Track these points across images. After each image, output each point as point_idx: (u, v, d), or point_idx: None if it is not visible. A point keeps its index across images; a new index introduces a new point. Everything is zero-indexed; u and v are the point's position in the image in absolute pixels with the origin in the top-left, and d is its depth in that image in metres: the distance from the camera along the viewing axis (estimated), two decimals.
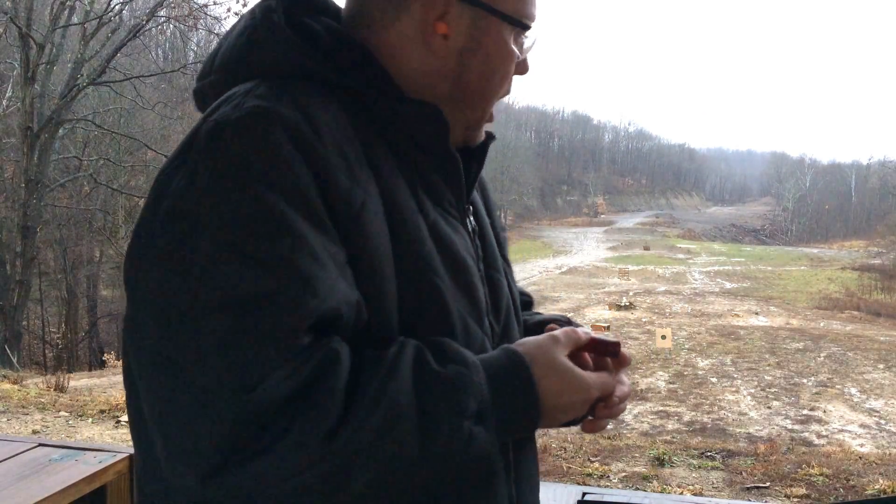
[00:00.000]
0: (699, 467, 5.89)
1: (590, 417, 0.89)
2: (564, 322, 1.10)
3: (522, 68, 0.96)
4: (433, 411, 0.73)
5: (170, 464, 0.70)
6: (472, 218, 0.96)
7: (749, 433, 12.24)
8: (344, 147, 0.79)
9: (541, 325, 1.05)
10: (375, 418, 0.69)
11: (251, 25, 0.86)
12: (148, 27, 18.97)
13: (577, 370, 0.83)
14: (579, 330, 0.88)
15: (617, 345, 0.90)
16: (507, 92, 0.96)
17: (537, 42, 0.97)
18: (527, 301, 1.18)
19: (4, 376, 9.76)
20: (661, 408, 14.18)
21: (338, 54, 0.86)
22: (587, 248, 63.64)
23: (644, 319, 26.46)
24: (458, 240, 0.90)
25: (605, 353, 0.90)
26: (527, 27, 0.93)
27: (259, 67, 0.84)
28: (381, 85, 0.87)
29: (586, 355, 0.89)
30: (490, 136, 1.01)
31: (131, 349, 0.74)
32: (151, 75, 19.31)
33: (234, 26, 0.90)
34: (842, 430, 12.92)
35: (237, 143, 0.74)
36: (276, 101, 0.77)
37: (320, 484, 0.68)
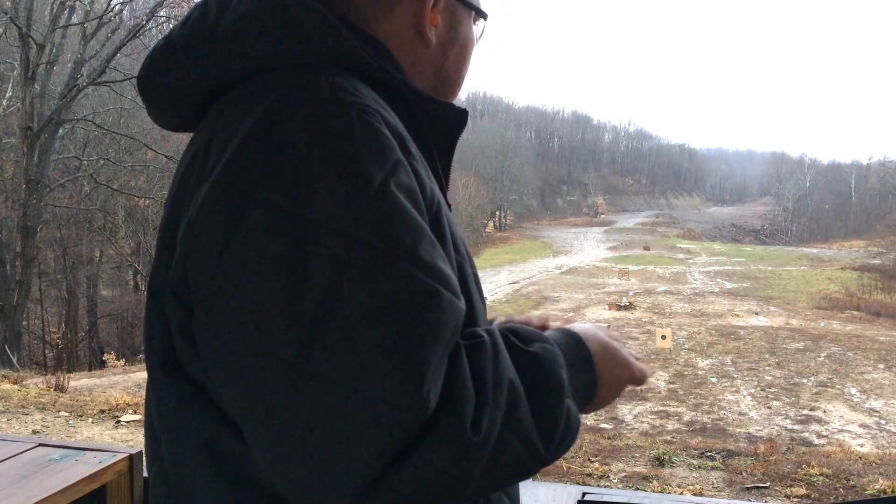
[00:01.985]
0: (699, 467, 5.89)
1: None
2: None
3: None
4: (538, 389, 0.72)
5: (304, 485, 0.65)
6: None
7: (749, 433, 12.25)
8: (413, 143, 0.77)
9: None
10: (503, 399, 0.68)
11: (280, 9, 0.75)
12: (148, 27, 18.97)
13: (623, 348, 0.88)
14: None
15: None
16: None
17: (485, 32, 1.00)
18: None
19: (4, 376, 9.76)
20: (661, 408, 14.19)
21: (364, 47, 0.80)
22: (587, 248, 63.67)
23: (644, 319, 26.47)
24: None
25: None
26: (485, 15, 0.97)
27: (284, 50, 0.75)
28: (404, 80, 0.84)
29: None
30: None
31: (225, 366, 0.67)
32: None
33: (212, 6, 0.79)
34: (842, 430, 12.93)
35: (356, 142, 0.68)
36: (362, 97, 0.73)
37: (472, 471, 0.67)
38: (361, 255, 0.65)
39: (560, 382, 0.74)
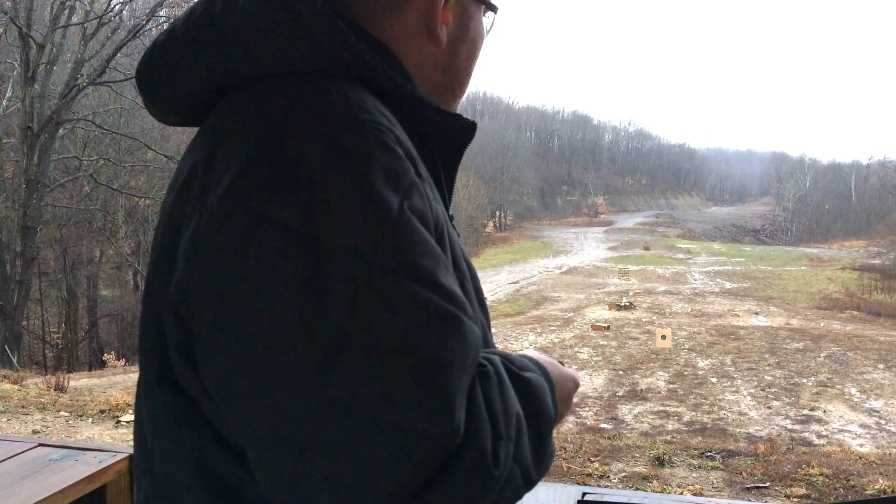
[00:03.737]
0: (699, 467, 5.89)
1: None
2: None
3: None
4: (534, 419, 0.73)
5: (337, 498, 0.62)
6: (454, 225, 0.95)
7: (749, 433, 12.25)
8: (419, 159, 0.75)
9: None
10: (512, 431, 0.68)
11: (290, 12, 0.72)
12: (148, 27, 18.96)
13: (565, 372, 0.88)
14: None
15: None
16: None
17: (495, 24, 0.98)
18: None
19: (4, 376, 9.76)
20: (661, 408, 14.19)
21: (372, 54, 0.77)
22: (587, 248, 63.66)
23: (644, 319, 26.47)
24: (463, 249, 0.88)
25: None
26: (496, 10, 0.94)
27: (288, 54, 0.73)
28: (410, 89, 0.81)
29: None
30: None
31: (236, 388, 0.64)
32: None
33: (217, 4, 0.76)
34: (842, 430, 12.93)
35: (372, 162, 0.66)
36: (374, 114, 0.71)
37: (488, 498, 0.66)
38: (381, 280, 0.63)
39: (550, 412, 0.75)
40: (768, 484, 5.48)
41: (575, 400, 0.93)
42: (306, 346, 0.61)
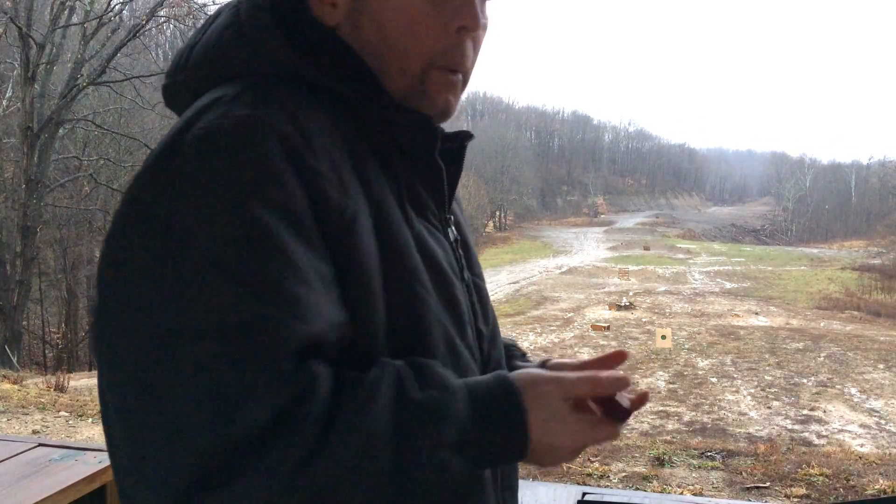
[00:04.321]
0: (699, 467, 5.89)
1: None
2: (513, 345, 1.09)
3: (465, 20, 0.82)
4: (410, 439, 0.69)
5: (137, 488, 0.66)
6: (453, 228, 0.93)
7: (749, 433, 12.24)
8: (334, 157, 0.75)
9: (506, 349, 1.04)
10: (351, 446, 0.67)
11: (236, 22, 0.81)
12: (148, 27, 18.97)
13: (570, 417, 0.77)
14: (602, 378, 0.80)
15: (627, 413, 0.82)
16: (449, 54, 0.83)
17: None
18: None
19: (4, 376, 9.75)
20: (661, 408, 14.18)
21: (325, 55, 0.82)
22: (587, 248, 63.65)
23: (644, 319, 26.47)
24: (441, 251, 0.86)
25: (612, 414, 0.81)
26: None
27: (242, 66, 0.80)
28: (369, 88, 0.82)
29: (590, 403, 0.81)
30: (467, 136, 0.95)
31: (103, 363, 0.69)
32: (151, 75, 19.30)
33: (209, 21, 0.85)
34: (842, 430, 12.93)
35: (228, 155, 0.69)
36: (266, 110, 0.73)
37: None
38: (208, 273, 0.66)
39: (439, 437, 0.70)
40: (768, 484, 5.48)
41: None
42: (138, 325, 0.66)
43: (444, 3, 0.82)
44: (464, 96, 0.91)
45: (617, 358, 0.90)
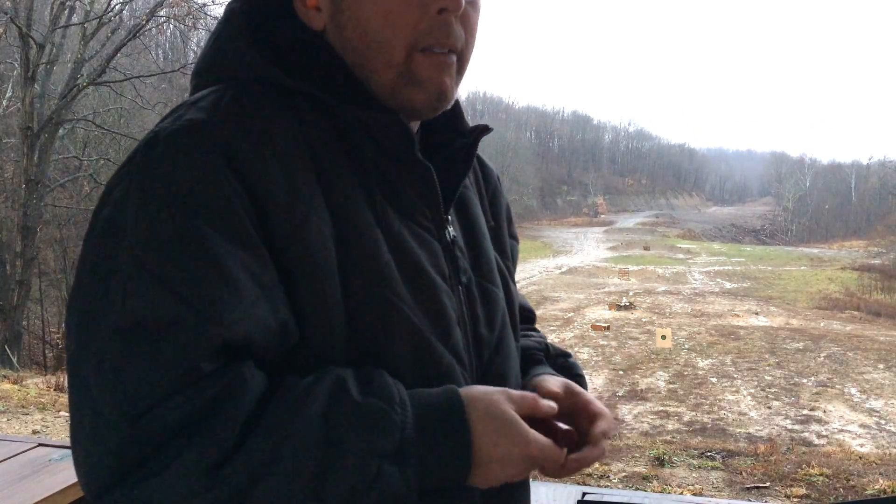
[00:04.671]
0: (699, 467, 5.89)
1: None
2: (540, 349, 1.07)
3: (450, 2, 0.79)
4: (340, 445, 0.69)
5: (77, 472, 0.70)
6: (451, 228, 0.90)
7: (749, 433, 12.24)
8: (288, 161, 0.75)
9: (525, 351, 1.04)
10: (268, 449, 0.67)
11: (217, 29, 0.86)
12: (148, 27, 18.96)
13: (519, 422, 0.76)
14: (542, 403, 0.80)
15: (569, 433, 0.81)
16: (430, 33, 0.80)
17: None
18: (527, 316, 1.13)
19: (4, 376, 9.76)
20: (661, 408, 14.18)
21: (298, 57, 0.83)
22: (587, 248, 63.64)
23: (644, 319, 26.46)
24: (426, 253, 0.84)
25: (555, 438, 0.80)
26: None
27: (222, 72, 0.83)
28: (344, 89, 0.82)
29: (555, 424, 0.82)
30: (481, 131, 0.96)
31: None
32: (151, 75, 19.31)
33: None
34: (842, 430, 12.92)
35: (166, 159, 0.72)
36: (214, 113, 0.75)
37: None
38: (134, 273, 0.69)
39: (371, 445, 0.70)
40: (768, 484, 5.48)
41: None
42: (78, 316, 0.71)
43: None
44: (464, 95, 0.89)
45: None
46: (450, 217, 0.91)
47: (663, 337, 19.27)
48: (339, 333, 0.76)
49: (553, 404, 0.81)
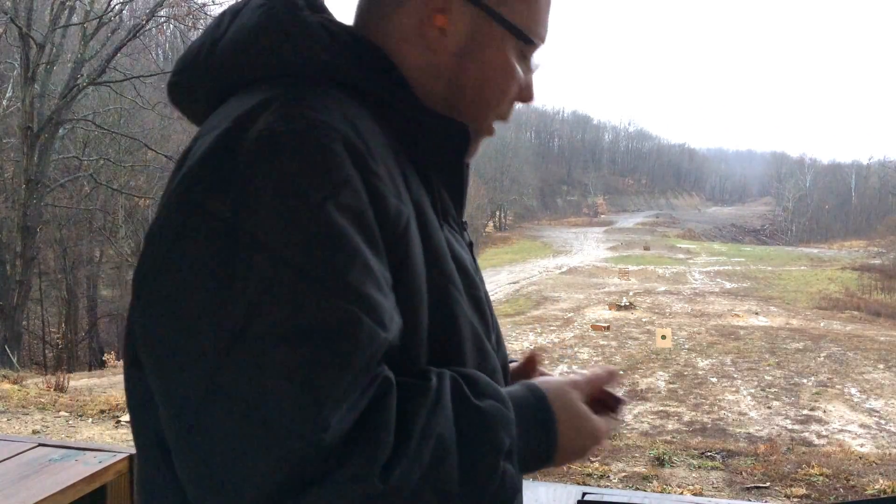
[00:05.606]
0: (699, 467, 5.89)
1: None
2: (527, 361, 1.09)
3: (526, 95, 0.92)
4: (473, 447, 0.70)
5: (201, 494, 0.65)
6: (467, 232, 0.96)
7: (749, 433, 12.24)
8: (388, 161, 0.77)
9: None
10: (427, 452, 0.67)
11: (274, 20, 0.79)
12: (148, 27, 18.98)
13: (592, 417, 0.85)
14: (591, 377, 0.90)
15: (622, 402, 0.93)
16: (505, 114, 0.92)
17: (542, 66, 0.94)
18: None
19: (4, 376, 9.76)
20: (661, 408, 14.18)
21: (360, 58, 0.82)
22: (587, 248, 63.63)
23: (644, 319, 26.46)
24: (465, 255, 0.89)
25: (608, 406, 0.92)
26: (531, 43, 0.88)
27: (280, 67, 0.79)
28: (402, 93, 0.84)
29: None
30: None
31: (152, 364, 0.69)
32: (151, 75, 19.31)
33: (225, 20, 0.84)
34: (842, 430, 12.92)
35: (299, 158, 0.68)
36: (327, 113, 0.73)
37: None
38: (285, 276, 0.65)
39: (499, 445, 0.72)
40: (768, 484, 5.48)
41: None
42: (209, 331, 0.64)
43: (523, 79, 0.91)
44: (485, 121, 0.97)
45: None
46: (466, 222, 0.97)
47: (663, 337, 19.28)
48: (424, 337, 0.78)
49: (613, 375, 0.93)
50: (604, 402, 0.90)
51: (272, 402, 0.62)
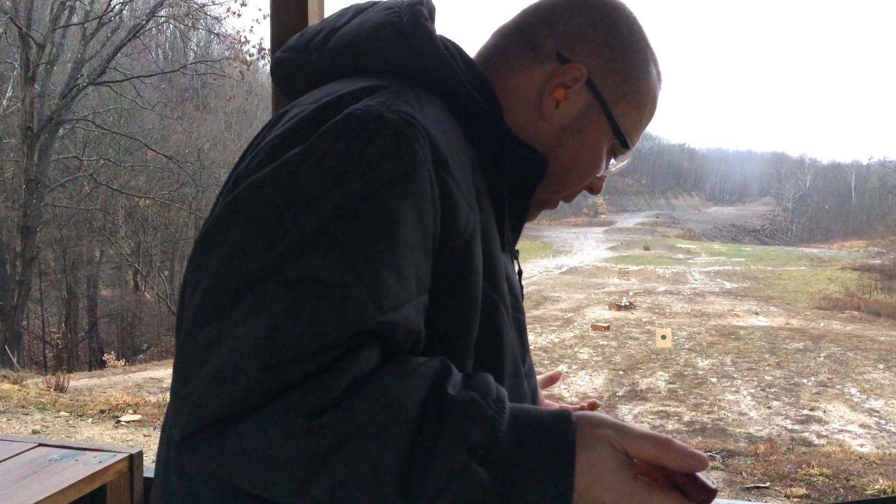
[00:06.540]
0: None
1: None
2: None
3: (596, 187, 1.01)
4: (433, 425, 0.66)
5: (174, 408, 0.69)
6: (517, 261, 1.01)
7: (749, 433, 12.24)
8: (465, 172, 0.81)
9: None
10: (368, 410, 0.65)
11: (398, 22, 0.85)
12: (148, 27, 18.98)
13: (624, 469, 0.68)
14: (660, 441, 0.68)
15: (713, 493, 0.67)
16: (572, 196, 1.00)
17: (619, 169, 1.03)
18: None
19: (4, 376, 9.76)
20: (661, 408, 14.18)
21: (468, 80, 0.88)
22: (587, 248, 63.65)
23: (644, 319, 26.47)
24: (516, 281, 0.94)
25: (691, 496, 0.67)
26: (625, 144, 0.96)
27: (392, 64, 0.85)
28: (495, 114, 0.89)
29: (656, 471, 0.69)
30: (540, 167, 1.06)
31: (195, 269, 0.73)
32: (151, 75, 19.34)
33: (349, 13, 0.91)
34: (842, 430, 12.92)
35: (378, 140, 0.73)
36: (420, 113, 0.78)
37: (295, 460, 0.65)
38: (320, 234, 0.68)
39: (462, 432, 0.66)
40: (768, 484, 5.48)
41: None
42: (236, 266, 0.69)
43: (601, 172, 0.99)
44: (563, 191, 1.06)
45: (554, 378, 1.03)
46: (518, 251, 1.03)
47: (663, 337, 19.28)
48: (473, 342, 0.80)
49: (696, 452, 0.69)
50: (683, 487, 0.67)
51: (245, 332, 0.66)
